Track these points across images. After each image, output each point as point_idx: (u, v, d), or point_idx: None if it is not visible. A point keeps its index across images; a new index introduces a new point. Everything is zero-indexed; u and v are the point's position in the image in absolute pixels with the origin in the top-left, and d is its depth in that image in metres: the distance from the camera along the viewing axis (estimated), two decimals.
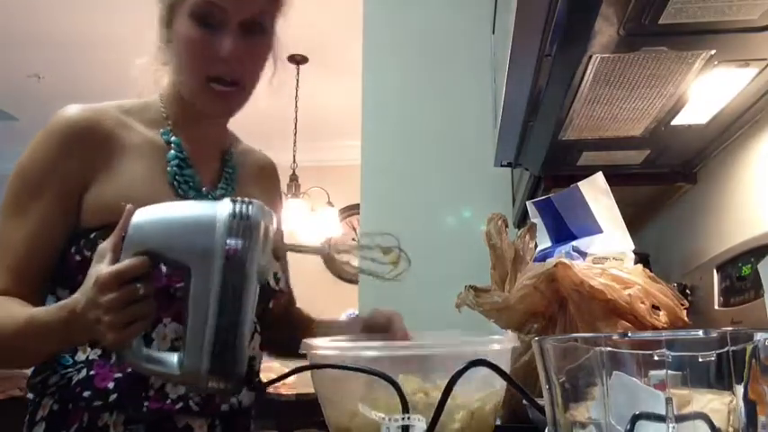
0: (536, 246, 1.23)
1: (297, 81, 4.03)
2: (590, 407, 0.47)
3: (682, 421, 0.43)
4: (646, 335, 0.71)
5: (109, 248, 0.74)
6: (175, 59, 0.98)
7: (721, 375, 0.43)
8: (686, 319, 1.02)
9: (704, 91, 1.01)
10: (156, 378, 0.88)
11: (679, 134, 1.20)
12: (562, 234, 1.34)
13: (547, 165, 1.39)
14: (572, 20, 0.86)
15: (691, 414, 0.43)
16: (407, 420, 0.65)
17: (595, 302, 0.99)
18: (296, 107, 4.16)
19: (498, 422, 0.99)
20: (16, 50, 3.87)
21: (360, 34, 2.30)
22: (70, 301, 0.76)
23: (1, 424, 2.13)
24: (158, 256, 0.73)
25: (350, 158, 3.14)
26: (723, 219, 1.27)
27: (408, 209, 2.14)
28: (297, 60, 3.94)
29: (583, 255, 1.22)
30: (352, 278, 4.30)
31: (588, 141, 1.26)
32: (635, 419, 0.44)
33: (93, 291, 0.72)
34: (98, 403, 0.87)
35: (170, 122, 1.02)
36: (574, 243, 1.26)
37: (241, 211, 0.72)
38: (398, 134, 2.23)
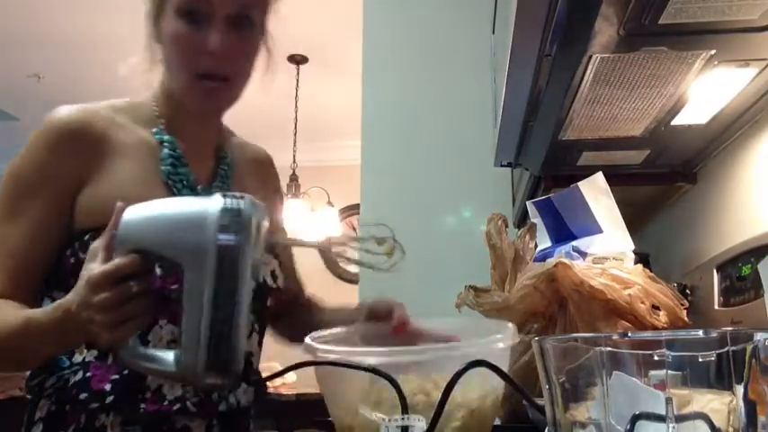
0: (536, 246, 1.23)
1: (297, 81, 4.03)
2: (590, 407, 0.47)
3: (682, 421, 0.43)
4: (646, 335, 0.72)
5: (100, 247, 0.73)
6: (164, 57, 0.97)
7: (721, 375, 0.43)
8: (686, 319, 1.02)
9: (704, 91, 1.01)
10: (153, 379, 0.88)
11: (679, 134, 1.20)
12: (562, 234, 1.34)
13: (547, 165, 1.39)
14: (572, 20, 0.86)
15: (691, 414, 0.43)
16: (406, 421, 0.65)
17: (595, 302, 0.99)
18: (296, 107, 4.15)
19: (498, 422, 0.99)
20: (16, 50, 3.87)
21: (360, 34, 2.30)
22: (64, 302, 0.76)
23: (1, 424, 2.12)
24: (150, 254, 0.72)
25: (350, 158, 3.14)
26: (723, 219, 1.27)
27: (408, 209, 2.14)
28: (297, 60, 3.93)
29: (583, 255, 1.22)
30: (352, 278, 4.30)
31: (588, 141, 1.26)
32: (635, 419, 0.44)
33: (85, 291, 0.71)
34: (95, 405, 0.87)
35: (162, 121, 1.01)
36: (574, 243, 1.26)
37: (232, 206, 0.71)
38: (398, 134, 2.23)
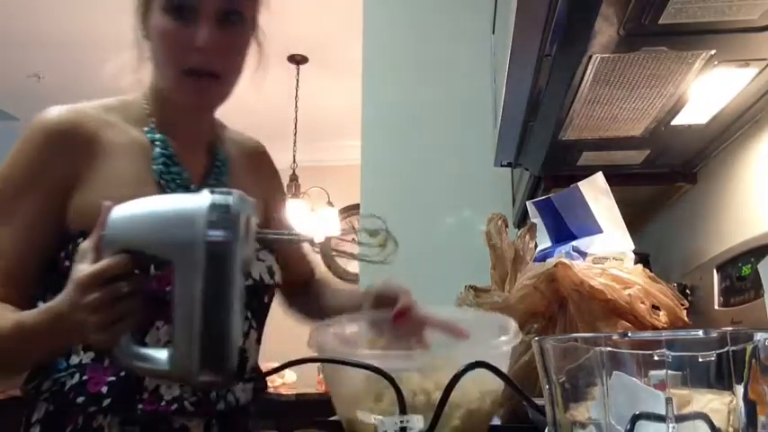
0: (536, 246, 1.23)
1: (297, 81, 4.03)
2: (590, 407, 0.47)
3: (682, 421, 0.43)
4: (646, 335, 0.72)
5: (89, 248, 0.73)
6: (152, 54, 0.96)
7: (721, 375, 0.43)
8: (686, 319, 1.02)
9: (704, 91, 1.01)
10: (150, 380, 0.87)
11: (679, 134, 1.20)
12: (562, 234, 1.34)
13: (547, 165, 1.39)
14: (572, 20, 0.86)
15: (691, 414, 0.43)
16: (404, 423, 0.65)
17: (595, 302, 0.99)
18: (296, 107, 4.15)
19: (498, 422, 0.99)
20: (16, 50, 3.87)
21: (360, 34, 2.30)
22: (54, 304, 0.75)
23: (1, 424, 2.12)
24: (139, 253, 0.72)
25: (350, 158, 3.14)
26: (723, 219, 1.27)
27: (408, 209, 2.14)
28: (297, 60, 3.93)
29: (583, 255, 1.22)
30: (352, 278, 4.30)
31: (588, 141, 1.26)
32: (635, 419, 0.44)
33: (74, 292, 0.71)
34: (92, 408, 0.86)
35: (153, 119, 0.99)
36: (574, 243, 1.26)
37: (221, 202, 0.70)
38: (398, 134, 2.23)
